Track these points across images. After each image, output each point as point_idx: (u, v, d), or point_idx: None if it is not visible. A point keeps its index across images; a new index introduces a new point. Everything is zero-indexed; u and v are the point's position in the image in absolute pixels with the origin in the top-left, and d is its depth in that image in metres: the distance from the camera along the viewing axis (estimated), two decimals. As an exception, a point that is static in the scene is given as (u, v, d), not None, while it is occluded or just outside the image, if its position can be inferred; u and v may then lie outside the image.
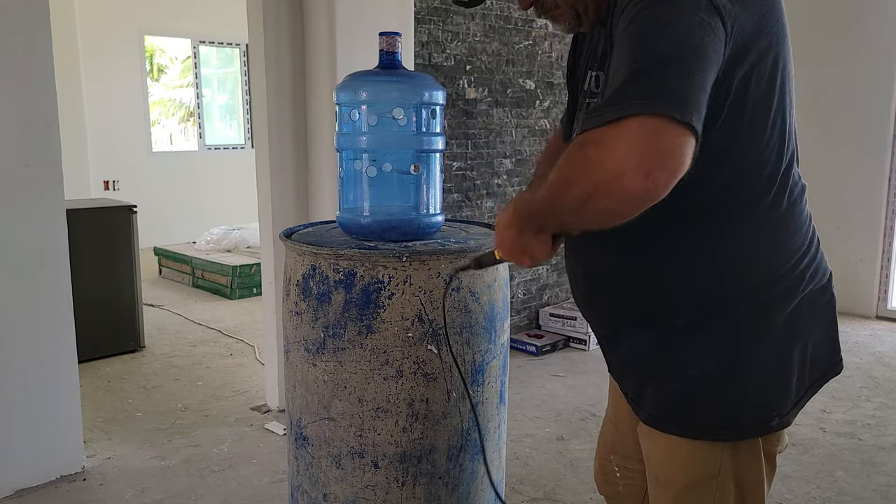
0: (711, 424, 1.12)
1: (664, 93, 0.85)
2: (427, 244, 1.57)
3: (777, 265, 1.10)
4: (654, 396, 1.17)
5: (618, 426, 1.42)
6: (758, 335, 1.09)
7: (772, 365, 1.10)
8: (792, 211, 1.11)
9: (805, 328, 1.13)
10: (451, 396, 1.51)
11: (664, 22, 0.90)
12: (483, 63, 3.86)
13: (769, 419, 1.11)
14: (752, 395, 1.11)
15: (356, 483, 1.53)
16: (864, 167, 4.73)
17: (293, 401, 1.61)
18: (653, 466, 1.23)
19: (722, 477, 1.14)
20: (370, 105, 1.54)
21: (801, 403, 1.15)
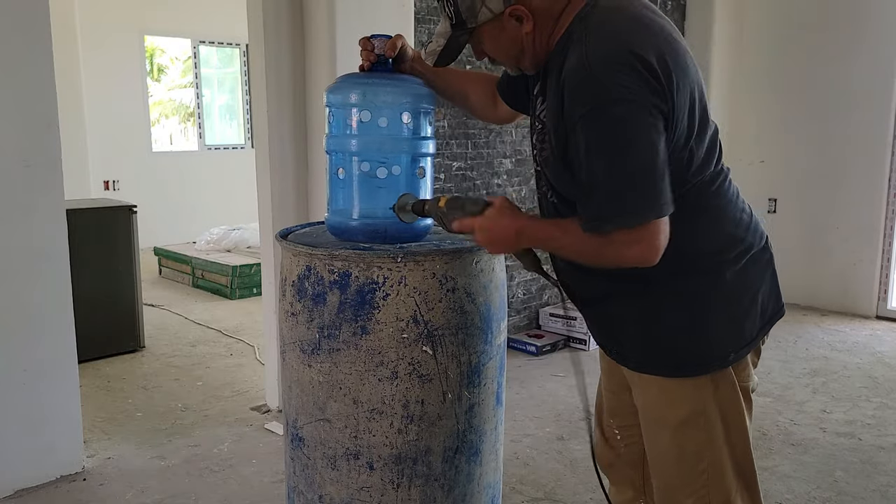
0: (685, 363, 1.37)
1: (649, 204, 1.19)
2: (422, 245, 1.57)
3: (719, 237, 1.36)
4: (637, 348, 1.42)
5: (613, 390, 1.63)
6: (712, 293, 1.36)
7: (725, 314, 1.37)
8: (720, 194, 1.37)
9: (752, 282, 1.39)
10: (447, 398, 1.51)
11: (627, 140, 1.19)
12: (483, 63, 3.86)
13: (727, 355, 1.37)
14: (712, 338, 1.37)
15: (351, 484, 1.52)
16: (864, 167, 4.73)
17: (289, 402, 1.61)
18: (648, 411, 1.46)
19: (708, 411, 1.38)
20: (360, 107, 1.53)
21: (755, 342, 1.41)
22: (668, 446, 1.42)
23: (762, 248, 1.42)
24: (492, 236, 1.36)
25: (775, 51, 5.01)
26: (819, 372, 3.76)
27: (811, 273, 4.95)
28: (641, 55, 1.19)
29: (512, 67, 1.45)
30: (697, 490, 1.40)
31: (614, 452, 1.68)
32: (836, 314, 4.83)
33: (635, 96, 1.18)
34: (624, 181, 1.19)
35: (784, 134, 5.03)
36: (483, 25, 1.34)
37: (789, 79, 4.96)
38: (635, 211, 1.20)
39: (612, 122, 1.19)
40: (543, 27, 1.32)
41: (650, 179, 1.19)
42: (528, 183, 4.21)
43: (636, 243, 1.21)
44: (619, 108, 1.18)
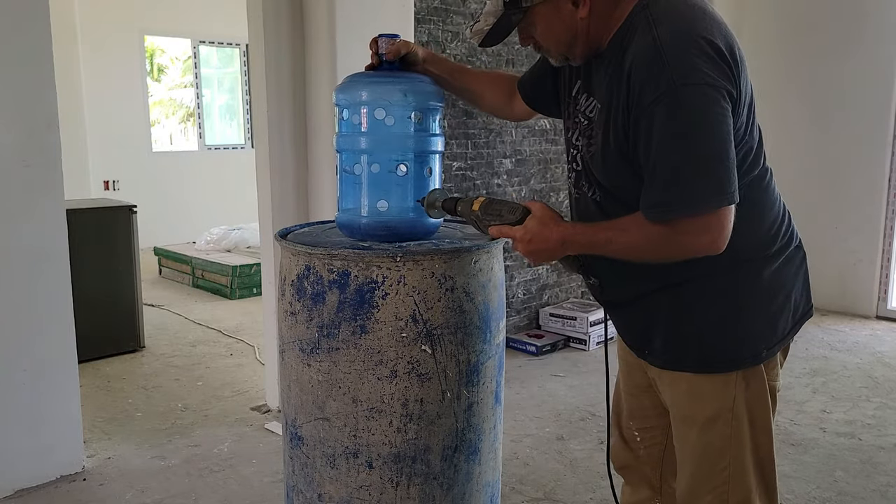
0: (717, 359, 1.36)
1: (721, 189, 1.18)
2: (421, 244, 1.57)
3: (761, 234, 1.37)
4: (669, 344, 1.40)
5: (632, 392, 1.62)
6: (750, 290, 1.36)
7: (761, 311, 1.37)
8: (765, 192, 1.38)
9: (787, 281, 1.40)
10: (446, 397, 1.51)
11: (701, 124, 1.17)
12: (483, 63, 3.86)
13: (759, 351, 1.37)
14: (745, 335, 1.36)
15: (350, 483, 1.53)
16: (864, 167, 4.73)
17: (288, 401, 1.61)
18: (677, 409, 1.44)
19: (737, 408, 1.37)
20: (369, 106, 1.54)
21: (786, 340, 1.41)
22: (694, 443, 1.42)
23: (797, 247, 1.42)
24: (534, 247, 1.33)
25: (775, 51, 5.01)
26: (819, 372, 3.76)
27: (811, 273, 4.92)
28: (713, 40, 1.19)
29: (558, 57, 1.40)
30: (717, 487, 1.40)
31: (633, 454, 1.67)
32: (836, 314, 4.83)
33: (710, 80, 1.17)
34: (696, 167, 1.18)
35: (784, 134, 5.03)
36: (538, 6, 1.30)
37: (789, 78, 4.96)
38: (707, 197, 1.18)
39: (687, 106, 1.17)
40: (600, 14, 1.30)
41: (722, 166, 1.17)
42: (527, 183, 4.21)
43: (706, 231, 1.19)
44: (695, 93, 1.17)
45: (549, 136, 4.28)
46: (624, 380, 1.66)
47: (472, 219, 1.44)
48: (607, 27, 1.31)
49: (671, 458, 1.61)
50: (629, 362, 1.60)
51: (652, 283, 1.38)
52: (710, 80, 1.17)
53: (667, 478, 1.64)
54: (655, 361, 1.44)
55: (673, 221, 1.20)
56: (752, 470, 1.40)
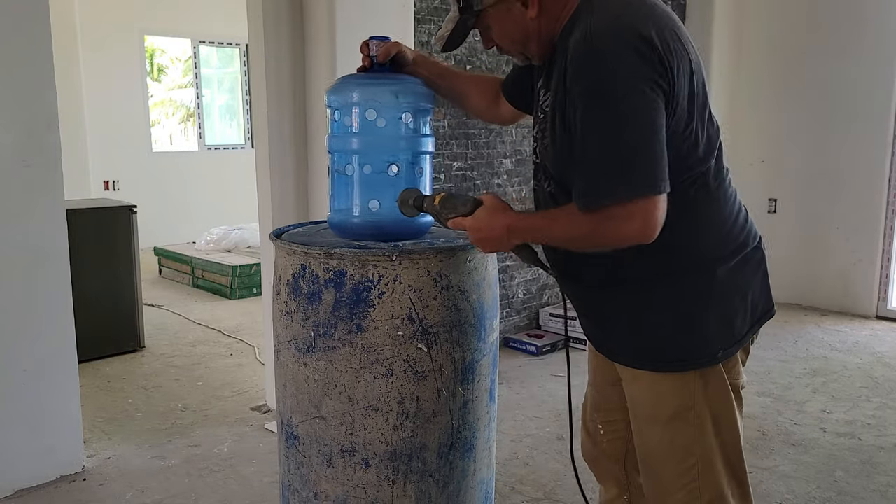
0: (674, 359, 1.38)
1: (645, 179, 1.19)
2: (417, 243, 1.58)
3: (715, 235, 1.37)
4: (628, 343, 1.43)
5: (599, 386, 1.67)
6: (704, 290, 1.36)
7: (716, 312, 1.37)
8: (718, 192, 1.37)
9: (743, 281, 1.40)
10: (442, 395, 1.52)
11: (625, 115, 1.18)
12: (483, 63, 3.86)
13: (715, 352, 1.38)
14: (702, 334, 1.37)
15: (347, 481, 1.53)
16: (864, 167, 4.73)
17: (284, 400, 1.62)
18: (639, 407, 1.47)
19: (697, 406, 1.38)
20: (360, 107, 1.55)
21: (744, 341, 1.42)
22: (658, 441, 1.44)
23: (755, 248, 1.42)
24: (483, 235, 1.37)
25: (775, 51, 5.01)
26: (819, 372, 3.76)
27: (811, 273, 4.95)
28: (642, 32, 1.20)
29: (519, 56, 1.45)
30: (687, 485, 1.42)
31: (597, 448, 1.71)
32: (836, 314, 4.83)
33: (635, 71, 1.18)
34: (621, 156, 1.20)
35: (784, 134, 5.03)
36: (489, 9, 1.36)
37: (789, 79, 4.96)
38: (632, 185, 1.19)
39: (612, 97, 1.19)
40: (550, 12, 1.34)
41: (648, 155, 1.19)
42: (527, 183, 4.21)
43: (633, 218, 1.20)
44: (619, 83, 1.19)
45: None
46: (593, 373, 1.70)
47: (434, 213, 1.46)
48: (557, 24, 1.34)
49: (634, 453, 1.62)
50: (598, 356, 1.63)
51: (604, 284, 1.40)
52: (635, 71, 1.18)
53: (631, 472, 1.66)
54: (617, 359, 1.47)
55: (599, 210, 1.22)
56: (721, 466, 1.41)
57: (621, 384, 1.53)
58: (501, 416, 3.16)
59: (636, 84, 1.18)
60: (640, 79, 1.18)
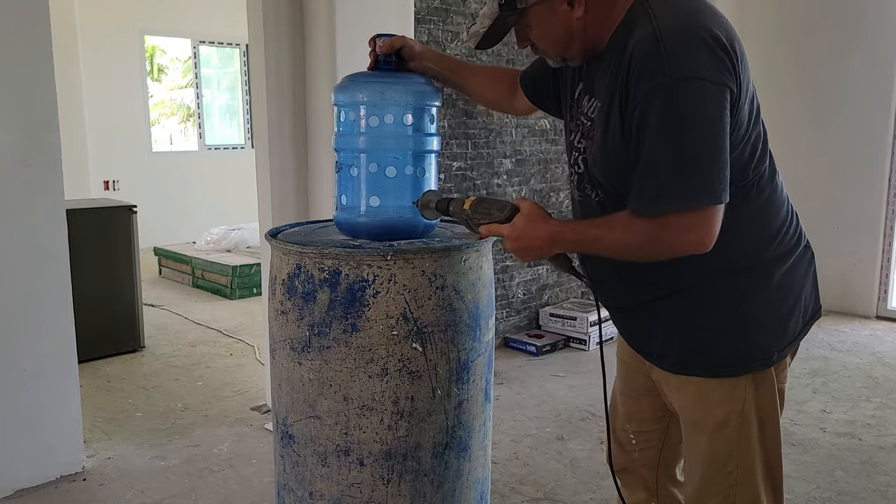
0: (728, 363, 1.34)
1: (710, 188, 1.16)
2: (411, 243, 1.58)
3: (769, 237, 1.35)
4: (676, 349, 1.38)
5: (631, 395, 1.61)
6: (761, 292, 1.34)
7: (771, 313, 1.35)
8: (775, 193, 1.36)
9: (797, 282, 1.39)
10: (436, 394, 1.52)
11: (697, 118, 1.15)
12: (483, 63, 3.86)
13: (770, 354, 1.35)
14: (756, 337, 1.34)
15: (342, 481, 1.53)
16: (864, 167, 4.73)
17: (279, 399, 1.62)
18: (687, 413, 1.42)
19: (746, 411, 1.35)
20: (367, 106, 1.55)
21: (796, 341, 1.40)
22: (704, 449, 1.40)
23: (805, 248, 1.41)
24: (522, 244, 1.33)
25: (775, 51, 5.00)
26: (819, 372, 3.76)
27: (811, 273, 4.95)
28: (715, 33, 1.17)
29: (555, 57, 1.39)
30: (724, 490, 1.39)
31: (628, 457, 1.66)
32: (836, 314, 4.83)
33: (709, 75, 1.14)
34: (688, 162, 1.16)
35: (784, 134, 5.01)
36: (533, 6, 1.30)
37: (789, 79, 4.96)
38: (697, 194, 1.16)
39: (683, 99, 1.15)
40: (597, 14, 1.29)
41: (715, 163, 1.15)
42: (527, 183, 4.21)
43: (693, 229, 1.17)
44: (693, 85, 1.14)
45: (549, 136, 4.28)
46: (623, 382, 1.65)
47: (463, 218, 1.44)
48: (605, 26, 1.29)
49: (667, 461, 1.62)
50: (629, 364, 1.59)
51: (658, 289, 1.36)
52: (710, 74, 1.15)
53: (662, 480, 1.64)
54: (663, 364, 1.42)
55: (660, 217, 1.18)
56: (761, 472, 1.39)
57: (654, 393, 1.51)
58: (501, 416, 3.16)
59: (709, 89, 1.15)
60: (712, 83, 1.15)
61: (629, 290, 1.42)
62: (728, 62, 1.17)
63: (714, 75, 1.15)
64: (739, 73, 1.19)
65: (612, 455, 1.67)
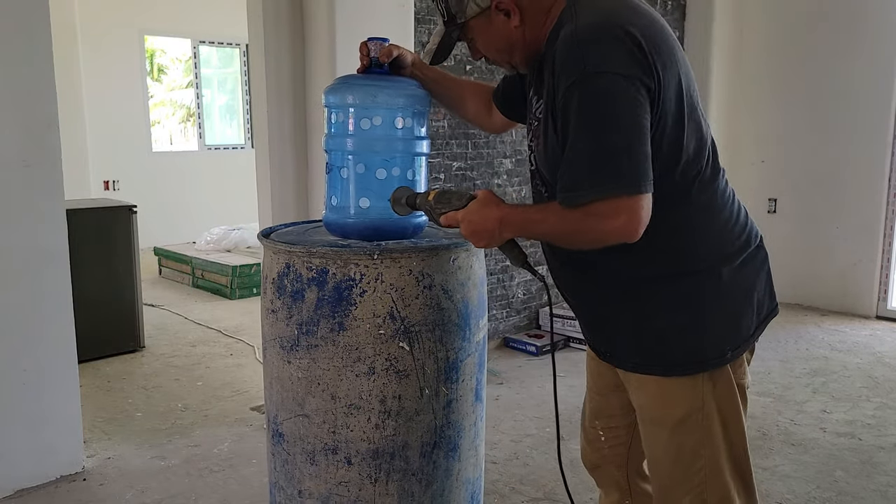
0: (683, 362, 1.38)
1: (629, 177, 1.19)
2: (399, 242, 1.59)
3: (716, 236, 1.37)
4: (633, 349, 1.42)
5: (600, 392, 1.65)
6: (710, 292, 1.36)
7: (723, 312, 1.38)
8: (717, 192, 1.38)
9: (747, 281, 1.40)
10: (424, 393, 1.53)
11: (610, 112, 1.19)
12: (483, 63, 3.86)
13: (724, 353, 1.38)
14: (710, 336, 1.37)
15: (330, 479, 1.54)
16: (864, 167, 4.73)
17: (270, 398, 1.63)
18: (646, 411, 1.45)
19: (706, 408, 1.38)
20: (358, 108, 1.56)
21: (751, 340, 1.42)
22: (666, 445, 1.43)
23: (757, 247, 1.43)
24: (474, 227, 1.36)
25: (775, 50, 5.01)
26: (819, 372, 3.76)
27: (811, 273, 4.95)
28: (628, 29, 1.21)
29: (505, 65, 1.46)
30: (694, 488, 1.41)
31: (599, 454, 1.69)
32: (836, 314, 4.83)
33: (620, 69, 1.18)
34: (606, 152, 1.19)
35: (784, 134, 5.03)
36: (472, 20, 1.37)
37: (789, 78, 4.96)
38: (615, 182, 1.19)
39: (596, 94, 1.19)
40: (533, 21, 1.35)
41: (632, 152, 1.19)
42: (528, 183, 4.20)
43: (616, 216, 1.20)
44: (604, 80, 1.18)
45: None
46: (592, 379, 1.68)
47: (427, 209, 1.46)
48: (541, 31, 1.35)
49: (636, 457, 1.64)
50: (599, 362, 1.61)
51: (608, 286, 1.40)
52: (623, 69, 1.18)
53: (633, 478, 1.66)
54: (623, 365, 1.46)
55: (584, 206, 1.22)
56: (728, 468, 1.41)
57: (622, 389, 1.53)
58: (501, 416, 3.16)
59: (622, 81, 1.18)
60: (626, 76, 1.18)
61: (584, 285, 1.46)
62: (642, 58, 1.20)
63: (626, 69, 1.18)
64: (657, 69, 1.21)
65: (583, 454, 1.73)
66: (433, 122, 3.59)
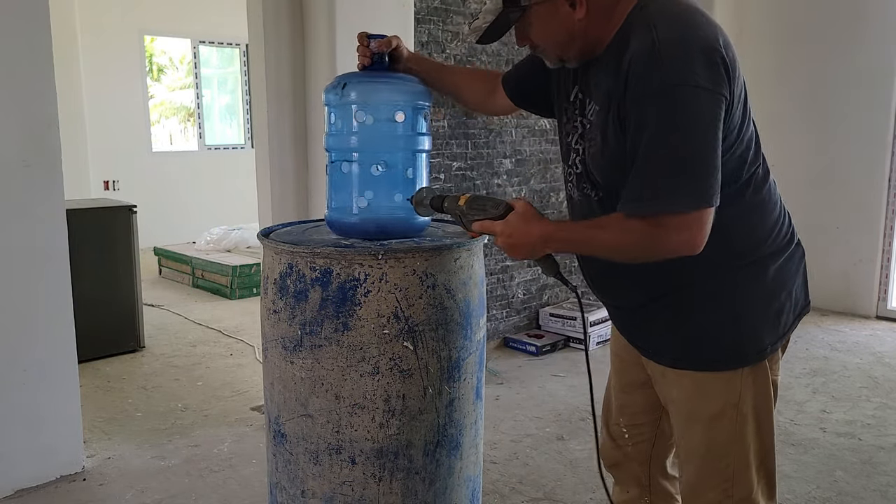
0: (725, 357, 1.38)
1: (701, 191, 1.20)
2: (402, 242, 1.59)
3: (764, 235, 1.39)
4: (673, 344, 1.42)
5: (624, 389, 1.64)
6: (755, 287, 1.38)
7: (764, 308, 1.39)
8: (769, 192, 1.41)
9: (789, 278, 1.42)
10: (427, 392, 1.53)
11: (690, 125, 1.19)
12: (483, 63, 3.86)
13: (764, 347, 1.39)
14: (751, 332, 1.38)
15: (333, 479, 1.54)
16: (863, 167, 4.73)
17: (271, 398, 1.63)
18: (681, 406, 1.45)
19: (742, 404, 1.38)
20: (357, 106, 1.56)
21: (787, 335, 1.44)
22: (699, 440, 1.43)
23: (797, 245, 1.45)
24: (514, 241, 1.34)
25: (775, 50, 5.01)
26: (819, 372, 3.76)
27: (811, 273, 4.88)
28: (710, 42, 1.21)
29: (553, 58, 1.41)
30: (722, 483, 1.41)
31: (621, 452, 1.68)
32: (836, 314, 4.83)
33: (705, 83, 1.19)
34: (681, 165, 1.20)
35: (784, 134, 5.03)
36: (536, 5, 1.32)
37: (789, 78, 4.96)
38: (688, 196, 1.20)
39: (679, 105, 1.19)
40: (597, 16, 1.31)
41: (707, 168, 1.20)
42: (527, 183, 4.21)
43: (684, 230, 1.21)
44: (688, 93, 1.18)
45: (549, 137, 4.28)
46: (617, 376, 1.67)
47: (458, 214, 1.45)
48: (605, 29, 1.32)
49: (659, 455, 1.64)
50: (624, 359, 1.61)
51: (657, 287, 1.39)
52: (705, 83, 1.19)
53: (655, 474, 1.65)
54: (661, 360, 1.45)
55: (651, 217, 1.22)
56: (755, 465, 1.41)
57: (648, 387, 1.53)
58: (501, 416, 3.16)
59: (704, 96, 1.19)
60: (708, 92, 1.19)
61: (628, 288, 1.44)
62: (723, 70, 1.21)
63: (709, 83, 1.19)
64: (732, 81, 1.23)
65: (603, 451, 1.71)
66: (433, 122, 3.59)
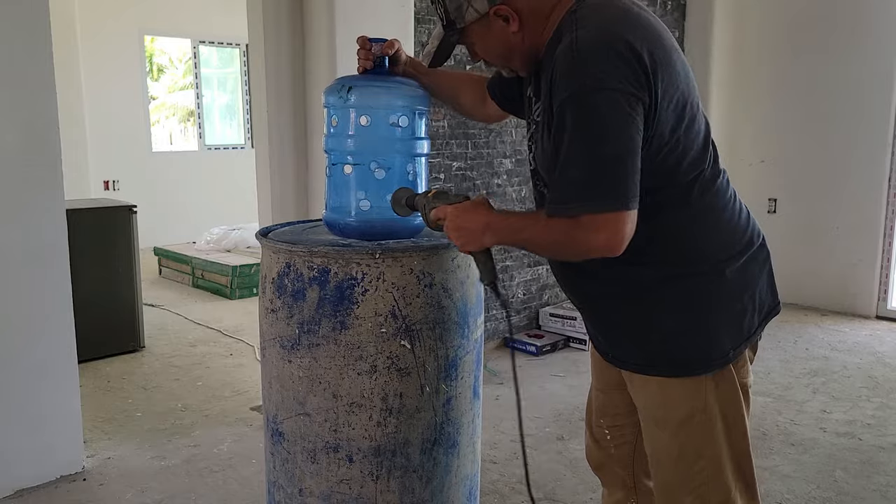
0: (687, 363, 1.38)
1: (615, 193, 1.20)
2: (400, 242, 1.59)
3: (718, 238, 1.38)
4: (636, 350, 1.43)
5: (604, 390, 1.65)
6: (714, 292, 1.37)
7: (726, 312, 1.38)
8: (719, 195, 1.39)
9: (751, 280, 1.41)
10: (425, 391, 1.53)
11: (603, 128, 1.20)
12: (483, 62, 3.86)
13: (727, 352, 1.38)
14: (713, 336, 1.37)
15: (331, 477, 1.55)
16: (863, 167, 4.73)
17: (269, 397, 1.63)
18: (649, 411, 1.46)
19: (708, 408, 1.38)
20: (357, 108, 1.57)
21: (752, 338, 1.42)
22: (667, 445, 1.43)
23: (759, 246, 1.43)
24: (460, 224, 1.38)
25: (775, 50, 5.01)
26: (819, 372, 3.76)
27: (811, 273, 4.95)
28: (629, 42, 1.21)
29: (504, 69, 1.47)
30: (696, 488, 1.41)
31: (604, 453, 1.69)
32: (836, 314, 4.83)
33: (618, 84, 1.19)
34: (595, 168, 1.21)
35: (784, 134, 5.04)
36: (470, 25, 1.37)
37: (789, 78, 4.97)
38: (602, 198, 1.21)
39: (592, 108, 1.20)
40: (532, 27, 1.34)
41: (620, 170, 1.20)
42: (527, 183, 4.21)
43: (602, 231, 1.22)
44: (600, 95, 1.19)
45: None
46: (596, 377, 1.68)
47: (423, 204, 1.47)
48: (541, 37, 1.34)
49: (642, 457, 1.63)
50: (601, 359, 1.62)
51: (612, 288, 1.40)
52: (618, 84, 1.19)
53: (639, 476, 1.66)
54: (626, 366, 1.46)
55: (570, 217, 1.23)
56: (730, 468, 1.41)
57: (625, 387, 1.53)
58: (501, 416, 3.16)
59: (618, 98, 1.19)
60: (621, 93, 1.19)
61: (583, 289, 1.47)
62: (642, 73, 1.20)
63: (625, 85, 1.19)
64: (655, 83, 1.22)
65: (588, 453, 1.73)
66: (433, 123, 3.60)
